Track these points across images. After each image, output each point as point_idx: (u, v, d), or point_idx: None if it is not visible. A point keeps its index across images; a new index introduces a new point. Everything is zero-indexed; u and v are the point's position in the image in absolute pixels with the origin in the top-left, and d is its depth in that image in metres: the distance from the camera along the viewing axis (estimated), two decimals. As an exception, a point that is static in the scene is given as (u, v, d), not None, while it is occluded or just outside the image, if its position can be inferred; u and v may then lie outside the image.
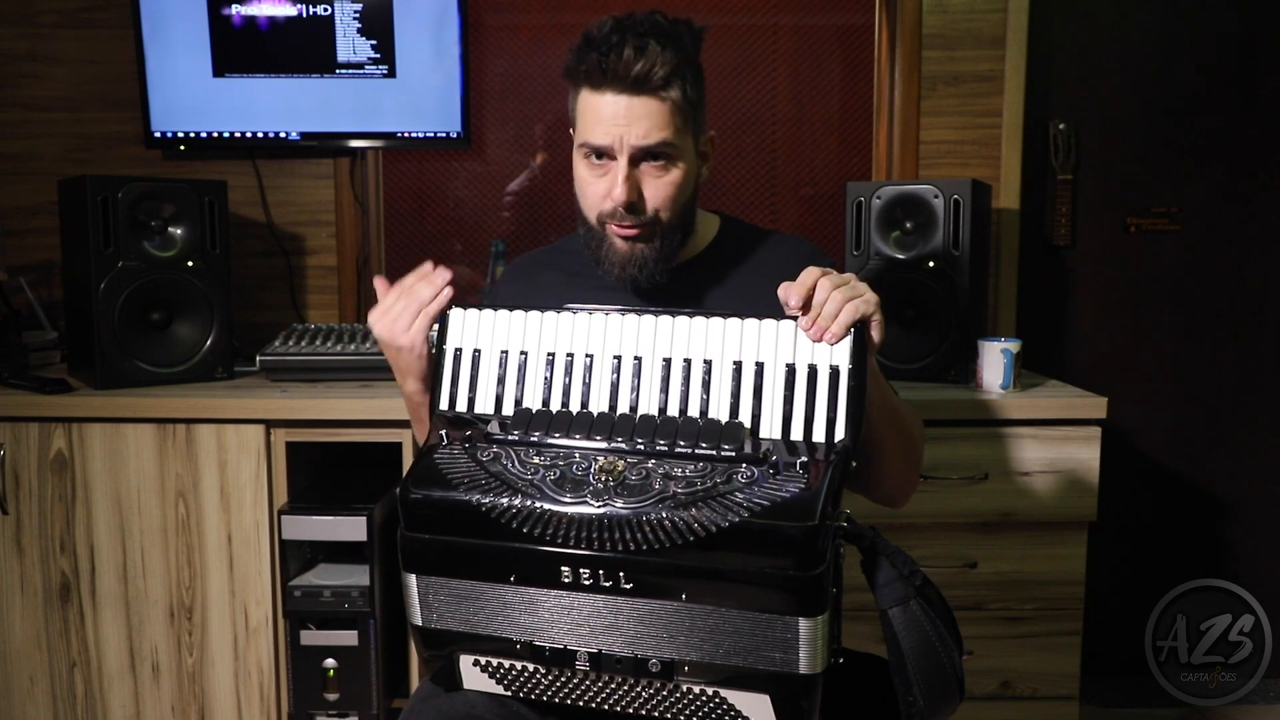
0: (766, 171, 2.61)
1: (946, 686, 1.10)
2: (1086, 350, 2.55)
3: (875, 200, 2.06)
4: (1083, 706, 2.00)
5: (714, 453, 1.06)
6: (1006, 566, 1.94)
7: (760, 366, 1.14)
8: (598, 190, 1.29)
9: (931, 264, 2.02)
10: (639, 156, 1.26)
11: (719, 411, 1.13)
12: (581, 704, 1.12)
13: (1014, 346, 1.94)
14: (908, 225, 2.04)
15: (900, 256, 2.04)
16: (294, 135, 2.32)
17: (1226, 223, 2.52)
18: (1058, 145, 2.46)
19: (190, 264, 2.02)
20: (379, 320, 1.28)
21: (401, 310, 1.27)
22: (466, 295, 2.42)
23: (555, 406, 1.17)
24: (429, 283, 1.26)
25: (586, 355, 1.18)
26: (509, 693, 1.14)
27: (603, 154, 1.27)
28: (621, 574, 1.01)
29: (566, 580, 1.02)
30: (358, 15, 2.27)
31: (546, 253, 1.51)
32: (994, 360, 1.95)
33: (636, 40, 1.22)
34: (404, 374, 1.32)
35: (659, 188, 1.28)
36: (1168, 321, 2.55)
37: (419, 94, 2.31)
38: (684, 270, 1.38)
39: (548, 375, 1.18)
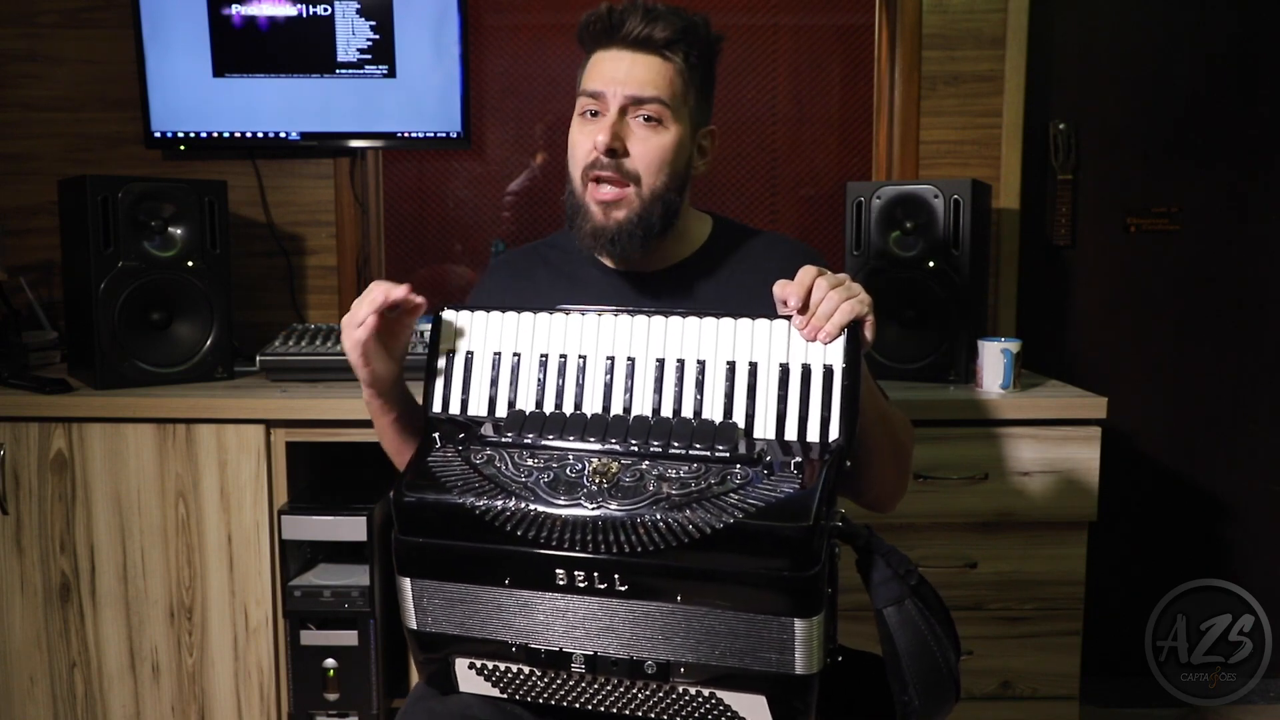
0: (766, 171, 2.61)
1: (942, 686, 1.09)
2: (1086, 350, 2.55)
3: (875, 200, 2.06)
4: (1083, 706, 1.99)
5: (708, 454, 1.06)
6: (1006, 566, 1.94)
7: (754, 366, 1.13)
8: (585, 144, 1.29)
9: (931, 264, 2.01)
10: (629, 108, 1.27)
11: (713, 412, 1.13)
12: (577, 706, 1.12)
13: (1014, 346, 1.94)
14: (908, 225, 2.04)
15: (900, 256, 2.04)
16: (294, 135, 2.32)
17: (1226, 223, 2.51)
18: (1058, 145, 2.46)
19: (190, 264, 2.03)
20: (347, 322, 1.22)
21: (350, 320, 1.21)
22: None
23: (549, 408, 1.16)
24: (367, 302, 1.19)
25: (580, 356, 1.17)
26: (504, 695, 1.14)
27: (596, 109, 1.28)
28: (616, 576, 1.01)
29: (561, 583, 1.02)
30: (358, 15, 2.27)
31: (536, 248, 1.49)
32: (994, 360, 1.95)
33: (646, 6, 1.28)
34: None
35: (646, 149, 1.28)
36: (1168, 321, 2.54)
37: (419, 94, 2.31)
38: (678, 271, 1.38)
39: (541, 377, 1.18)
